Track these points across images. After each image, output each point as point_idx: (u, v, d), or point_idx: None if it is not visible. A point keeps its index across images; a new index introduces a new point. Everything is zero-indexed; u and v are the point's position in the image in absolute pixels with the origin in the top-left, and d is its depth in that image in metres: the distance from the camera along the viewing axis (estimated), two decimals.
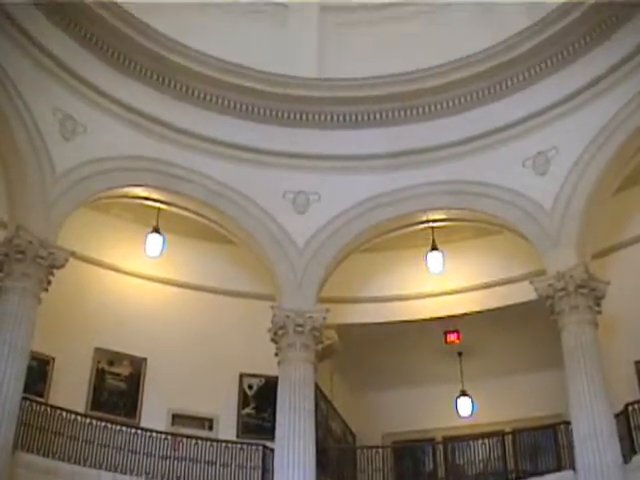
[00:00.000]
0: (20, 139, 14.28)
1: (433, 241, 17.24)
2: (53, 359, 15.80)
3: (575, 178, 15.44)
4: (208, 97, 16.95)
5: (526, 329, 17.60)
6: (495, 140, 16.55)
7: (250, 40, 17.76)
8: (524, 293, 16.09)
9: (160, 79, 16.50)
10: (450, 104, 17.00)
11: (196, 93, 16.84)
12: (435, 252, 17.21)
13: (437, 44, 17.44)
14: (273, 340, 16.31)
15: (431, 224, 17.24)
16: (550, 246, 15.45)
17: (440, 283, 17.88)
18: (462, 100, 16.92)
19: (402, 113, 17.27)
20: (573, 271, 14.85)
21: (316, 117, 17.42)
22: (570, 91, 15.73)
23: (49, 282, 14.38)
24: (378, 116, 17.37)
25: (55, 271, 14.48)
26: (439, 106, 17.07)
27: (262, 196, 16.94)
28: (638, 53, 14.76)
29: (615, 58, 15.12)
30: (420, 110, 17.17)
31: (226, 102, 17.07)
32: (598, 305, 14.97)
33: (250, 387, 17.92)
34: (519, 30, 16.18)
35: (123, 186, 16.08)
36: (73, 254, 14.86)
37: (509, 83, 16.52)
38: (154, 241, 16.94)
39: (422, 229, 17.36)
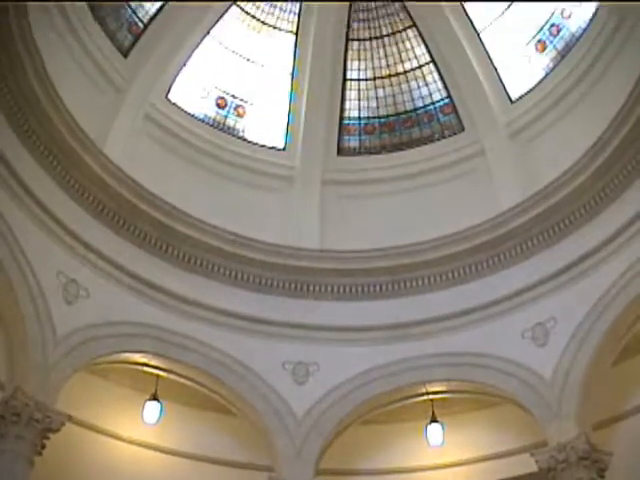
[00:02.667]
0: (23, 301, 14.70)
1: (433, 413, 17.57)
2: None
3: (574, 348, 15.87)
4: (210, 266, 17.76)
5: None
6: (493, 312, 17.14)
7: (253, 211, 19.00)
8: (525, 465, 16.23)
9: (164, 247, 17.36)
10: (449, 276, 17.76)
11: (199, 262, 17.67)
12: (435, 424, 17.48)
13: (435, 217, 18.56)
14: None
15: (431, 396, 17.63)
16: (551, 417, 15.70)
17: (440, 456, 18.00)
18: (460, 272, 17.72)
19: (401, 285, 18.05)
20: (574, 442, 15.03)
21: (316, 288, 18.21)
22: (566, 263, 16.41)
23: (43, 446, 14.51)
24: (377, 288, 18.14)
25: (51, 435, 14.57)
26: (438, 278, 17.86)
27: (262, 366, 17.37)
28: (630, 226, 15.49)
29: (608, 231, 15.88)
30: (419, 282, 17.97)
31: (228, 272, 17.88)
32: (602, 477, 15.06)
33: None
34: (514, 204, 17.22)
35: (123, 352, 16.52)
36: (70, 418, 15.05)
37: (506, 255, 17.36)
38: (152, 408, 17.26)
39: (421, 401, 17.65)
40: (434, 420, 17.45)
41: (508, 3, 19.07)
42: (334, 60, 20.31)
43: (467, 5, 19.42)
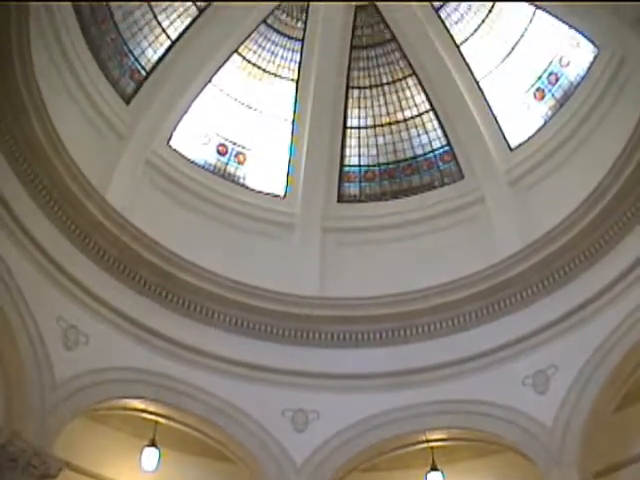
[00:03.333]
0: (22, 346, 14.79)
1: (433, 461, 17.54)
2: None
3: (575, 396, 15.93)
4: (210, 313, 17.87)
5: None
6: (494, 359, 17.22)
7: (254, 258, 19.17)
8: None
9: (164, 293, 17.47)
10: (449, 323, 17.86)
11: (198, 309, 17.79)
12: (435, 472, 17.46)
13: (435, 264, 18.71)
14: None
15: (431, 444, 17.63)
16: (552, 465, 15.70)
17: None
18: (461, 320, 17.83)
19: (401, 332, 18.15)
20: None
21: (316, 335, 18.31)
22: (566, 310, 16.53)
23: None
24: (377, 335, 18.23)
25: None
26: (438, 325, 17.96)
27: (261, 413, 17.40)
28: (629, 272, 15.63)
29: (608, 278, 16.00)
30: (419, 329, 18.07)
31: (227, 318, 17.99)
32: None
33: None
34: (514, 251, 17.39)
35: (122, 398, 16.61)
36: (67, 464, 15.15)
37: (507, 303, 17.49)
38: (150, 455, 17.27)
39: (422, 449, 17.67)
40: (434, 468, 17.42)
41: (507, 52, 19.45)
42: (334, 108, 20.64)
43: (466, 53, 19.81)
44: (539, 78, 19.04)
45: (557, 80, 18.63)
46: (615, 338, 15.62)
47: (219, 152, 20.35)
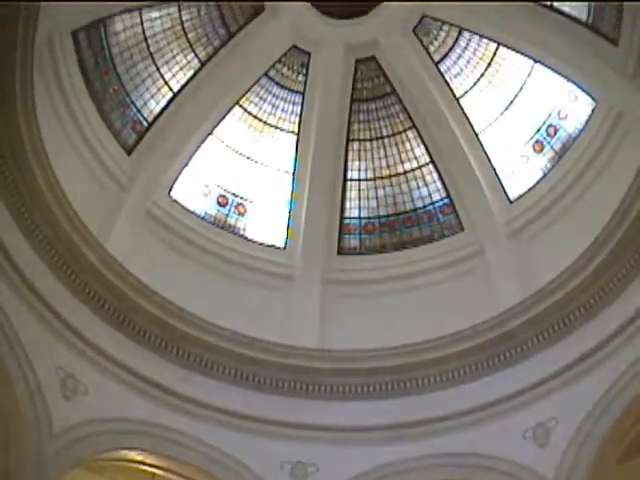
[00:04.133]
0: (20, 395, 14.80)
1: None
2: None
3: (576, 449, 15.91)
4: (209, 364, 17.86)
5: None
6: (494, 412, 17.18)
7: (253, 309, 19.23)
8: None
9: (163, 344, 17.51)
10: (449, 376, 17.87)
11: (197, 359, 17.78)
12: None
13: (435, 317, 18.78)
14: None
15: None
16: None
17: None
18: (461, 372, 17.83)
19: (401, 385, 18.13)
20: None
21: (316, 388, 18.28)
22: (566, 362, 16.58)
23: None
24: (377, 388, 18.22)
25: None
26: (437, 378, 17.96)
27: (260, 465, 17.31)
28: (629, 324, 15.75)
29: (608, 330, 16.12)
30: (419, 382, 18.05)
31: (227, 370, 17.97)
32: None
33: None
34: (514, 303, 17.51)
35: (120, 449, 16.55)
36: None
37: (507, 355, 17.52)
38: None
39: None
40: None
41: (506, 105, 19.86)
42: (335, 160, 20.91)
43: (466, 106, 20.20)
44: (538, 130, 19.43)
45: (556, 132, 18.99)
46: (615, 391, 15.66)
47: (219, 203, 20.57)
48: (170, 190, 19.79)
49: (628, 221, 15.72)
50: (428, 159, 20.85)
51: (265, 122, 21.10)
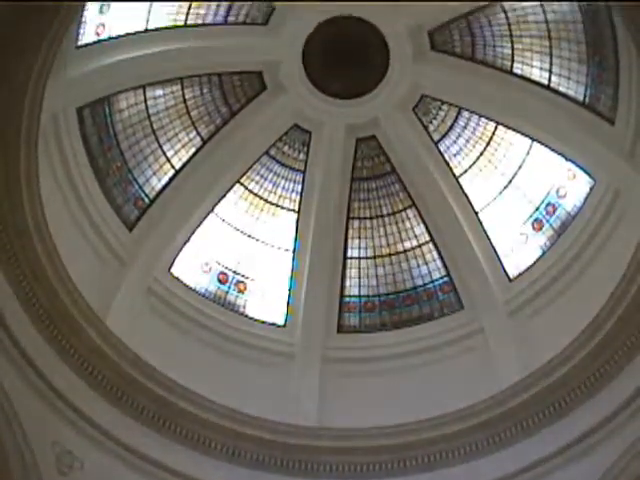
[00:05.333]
0: (15, 469, 14.69)
1: None
2: None
3: None
4: (207, 442, 17.69)
5: None
6: None
7: (252, 387, 19.07)
8: None
9: (162, 421, 17.38)
10: (449, 455, 17.71)
11: (196, 437, 17.61)
12: None
13: (435, 395, 18.71)
14: None
15: None
16: None
17: None
18: (461, 451, 17.66)
19: (400, 464, 17.95)
20: None
21: (314, 466, 18.08)
22: (567, 441, 16.48)
23: None
24: (377, 467, 18.04)
25: None
26: (437, 457, 17.76)
27: None
28: (630, 403, 15.77)
29: (609, 409, 16.09)
30: (418, 461, 17.86)
31: (225, 448, 17.78)
32: None
33: None
34: (514, 382, 17.52)
35: None
36: None
37: (506, 434, 17.35)
38: None
39: None
40: None
41: (505, 183, 20.20)
42: (335, 238, 21.08)
43: (465, 185, 20.53)
44: (537, 209, 19.69)
45: (555, 211, 19.24)
46: (617, 470, 15.58)
47: (220, 280, 20.70)
48: (171, 267, 19.93)
49: (627, 299, 15.87)
50: (428, 237, 21.04)
51: (266, 200, 21.38)
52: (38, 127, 14.94)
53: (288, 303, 20.92)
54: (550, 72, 18.94)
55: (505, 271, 19.93)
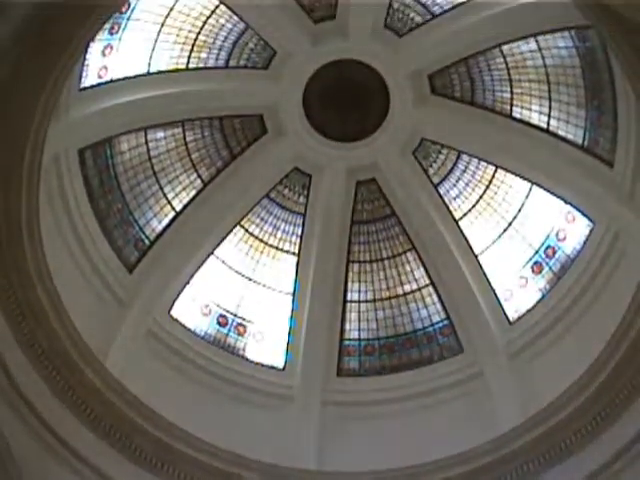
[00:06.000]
0: None
1: None
2: None
3: None
4: None
5: None
6: None
7: (251, 430, 18.99)
8: None
9: (160, 464, 17.24)
10: None
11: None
12: None
13: (435, 439, 18.66)
14: None
15: None
16: None
17: None
18: None
19: None
20: None
21: None
22: None
23: None
24: None
25: None
26: None
27: None
28: (632, 446, 15.71)
29: (610, 452, 16.01)
30: None
31: None
32: None
33: None
34: (515, 425, 17.48)
35: None
36: None
37: (507, 478, 17.28)
38: None
39: None
40: None
41: (505, 227, 20.32)
42: (335, 281, 21.14)
43: (465, 228, 20.67)
44: (536, 252, 19.78)
45: (554, 253, 19.33)
46: None
47: (219, 323, 20.69)
48: (170, 309, 19.94)
49: (628, 341, 15.90)
50: (428, 281, 21.11)
51: (266, 243, 21.48)
52: (40, 168, 15.06)
53: (288, 346, 20.88)
54: (549, 116, 19.21)
55: (505, 314, 19.95)
